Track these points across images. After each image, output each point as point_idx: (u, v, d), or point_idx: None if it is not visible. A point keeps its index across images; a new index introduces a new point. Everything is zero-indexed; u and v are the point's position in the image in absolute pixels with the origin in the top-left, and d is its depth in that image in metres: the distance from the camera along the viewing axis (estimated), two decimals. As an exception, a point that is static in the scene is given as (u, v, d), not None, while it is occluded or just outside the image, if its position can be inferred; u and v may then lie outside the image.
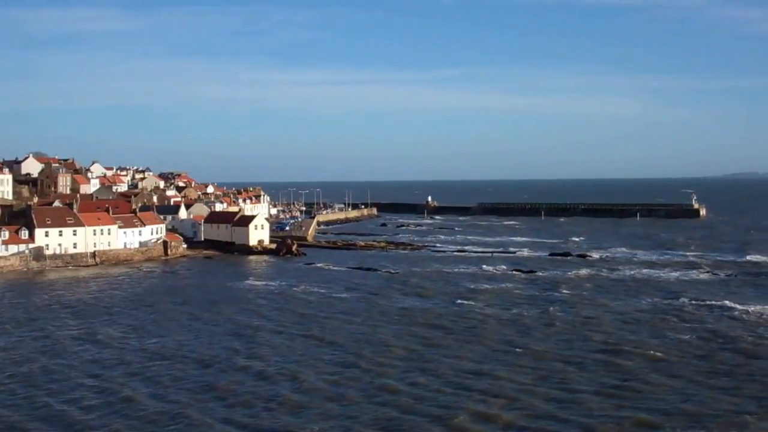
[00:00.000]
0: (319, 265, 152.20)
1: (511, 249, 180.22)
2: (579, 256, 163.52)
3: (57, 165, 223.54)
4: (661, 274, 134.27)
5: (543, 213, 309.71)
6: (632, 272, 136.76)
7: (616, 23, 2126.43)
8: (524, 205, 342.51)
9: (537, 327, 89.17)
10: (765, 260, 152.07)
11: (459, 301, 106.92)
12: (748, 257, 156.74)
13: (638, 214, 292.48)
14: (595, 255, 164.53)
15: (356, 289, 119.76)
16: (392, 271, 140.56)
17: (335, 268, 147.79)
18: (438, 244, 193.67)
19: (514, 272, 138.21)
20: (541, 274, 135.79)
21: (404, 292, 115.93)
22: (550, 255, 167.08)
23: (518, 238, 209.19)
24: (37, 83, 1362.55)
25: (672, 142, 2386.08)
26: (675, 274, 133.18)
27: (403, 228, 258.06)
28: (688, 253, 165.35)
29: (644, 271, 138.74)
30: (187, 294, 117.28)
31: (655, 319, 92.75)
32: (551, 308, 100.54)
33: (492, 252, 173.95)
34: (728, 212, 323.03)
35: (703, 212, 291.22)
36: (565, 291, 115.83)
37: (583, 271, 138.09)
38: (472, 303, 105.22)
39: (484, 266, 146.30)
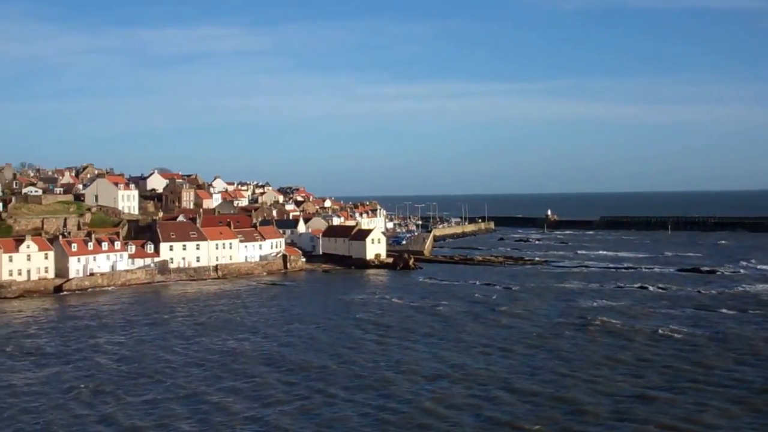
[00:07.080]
0: (436, 280, 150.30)
1: (636, 265, 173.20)
2: (708, 272, 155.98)
3: (181, 180, 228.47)
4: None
5: (670, 227, 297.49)
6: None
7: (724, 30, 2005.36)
8: (649, 218, 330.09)
9: (678, 347, 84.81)
10: None
11: (577, 321, 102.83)
12: None
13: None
14: (725, 271, 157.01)
15: (470, 305, 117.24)
16: (509, 287, 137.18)
17: (453, 282, 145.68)
18: (558, 260, 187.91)
19: (639, 288, 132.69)
20: (671, 290, 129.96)
21: (513, 312, 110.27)
22: (678, 270, 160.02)
23: (642, 254, 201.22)
24: (161, 101, 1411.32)
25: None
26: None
27: (522, 243, 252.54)
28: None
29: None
30: (310, 307, 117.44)
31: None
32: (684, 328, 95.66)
33: (615, 268, 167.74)
34: None
35: None
36: (689, 309, 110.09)
37: (713, 288, 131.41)
38: (598, 323, 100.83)
39: (605, 283, 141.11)
